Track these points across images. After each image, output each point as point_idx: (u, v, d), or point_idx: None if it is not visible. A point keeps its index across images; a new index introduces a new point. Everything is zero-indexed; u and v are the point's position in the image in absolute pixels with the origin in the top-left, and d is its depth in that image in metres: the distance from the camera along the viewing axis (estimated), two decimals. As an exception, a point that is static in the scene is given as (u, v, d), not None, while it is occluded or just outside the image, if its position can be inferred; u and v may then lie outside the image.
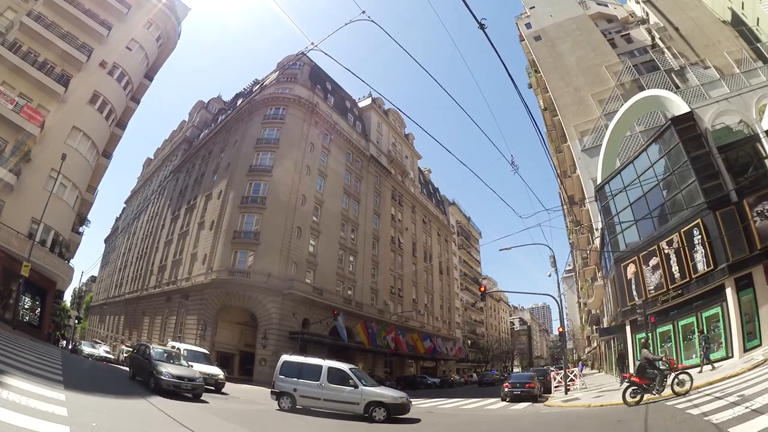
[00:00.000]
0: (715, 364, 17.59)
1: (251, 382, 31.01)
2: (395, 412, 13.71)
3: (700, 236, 19.28)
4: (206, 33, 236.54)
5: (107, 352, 35.49)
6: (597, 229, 32.89)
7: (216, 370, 20.17)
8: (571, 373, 25.05)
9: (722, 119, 22.33)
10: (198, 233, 42.60)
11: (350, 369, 14.90)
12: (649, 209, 23.16)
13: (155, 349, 16.01)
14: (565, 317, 33.02)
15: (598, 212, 29.54)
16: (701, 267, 19.18)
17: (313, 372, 14.69)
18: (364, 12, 9.87)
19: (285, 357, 15.87)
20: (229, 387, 24.71)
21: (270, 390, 15.03)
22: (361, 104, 60.52)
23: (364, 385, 14.18)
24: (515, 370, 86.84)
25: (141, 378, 15.53)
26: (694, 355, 19.39)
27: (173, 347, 21.33)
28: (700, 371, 17.65)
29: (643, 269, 22.95)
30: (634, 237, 24.48)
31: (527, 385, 20.75)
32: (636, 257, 23.49)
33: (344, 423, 13.05)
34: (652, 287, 22.28)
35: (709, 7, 41.41)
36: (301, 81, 46.70)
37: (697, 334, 19.71)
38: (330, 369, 14.67)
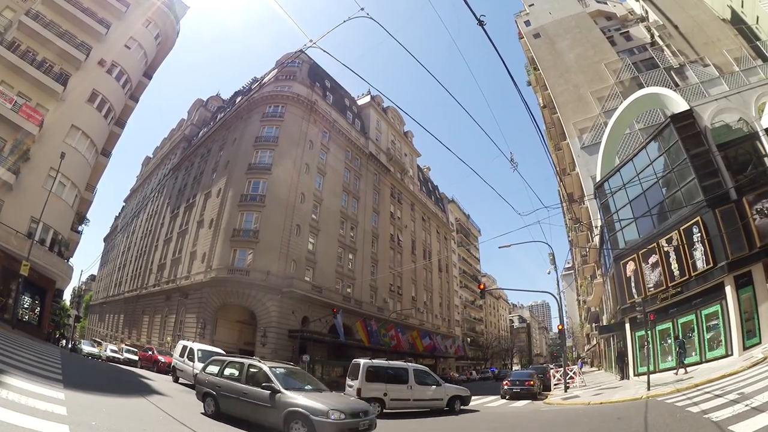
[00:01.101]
0: (689, 369, 18.02)
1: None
2: (466, 403, 16.78)
3: (699, 234, 19.29)
4: (205, 31, 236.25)
5: (114, 351, 31.93)
6: (596, 227, 32.92)
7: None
8: (571, 371, 25.09)
9: (722, 117, 22.34)
10: (197, 231, 42.58)
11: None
12: (649, 207, 23.16)
13: (274, 368, 10.01)
14: (564, 315, 33.05)
15: (598, 210, 29.53)
16: (701, 265, 19.19)
17: (401, 374, 15.46)
18: (362, 9, 9.83)
19: (366, 362, 15.28)
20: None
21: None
22: (360, 102, 60.49)
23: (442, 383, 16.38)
24: (515, 367, 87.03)
25: (241, 414, 9.74)
26: (693, 353, 19.44)
27: (184, 347, 20.95)
28: (676, 373, 18.26)
29: (642, 267, 22.96)
30: (633, 234, 24.49)
31: (527, 383, 20.79)
32: (635, 255, 23.50)
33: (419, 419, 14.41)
34: (651, 285, 22.29)
35: (709, 5, 41.36)
36: (300, 79, 46.63)
37: (672, 339, 20.09)
38: (416, 371, 15.87)
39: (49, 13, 26.91)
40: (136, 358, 29.93)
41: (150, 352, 27.87)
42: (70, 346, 34.53)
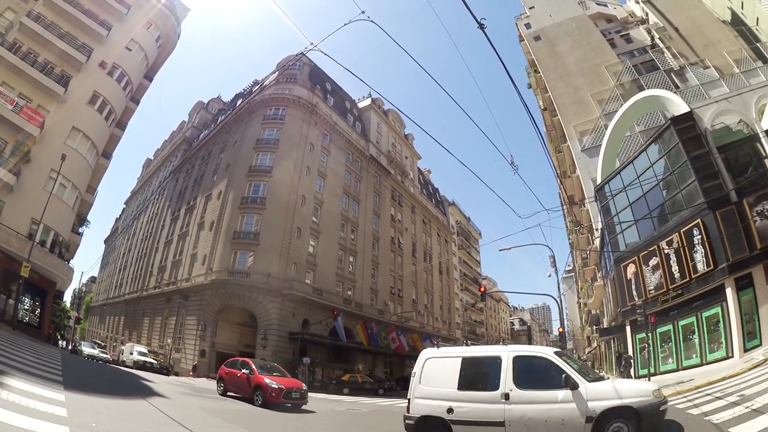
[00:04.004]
0: (690, 371, 18.24)
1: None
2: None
3: (700, 236, 19.27)
4: (206, 33, 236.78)
5: (143, 354, 30.77)
6: (597, 230, 32.88)
7: None
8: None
9: (722, 119, 22.31)
10: (198, 234, 42.60)
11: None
12: (649, 209, 23.15)
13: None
14: (565, 317, 32.98)
15: (598, 212, 29.52)
16: (701, 267, 19.17)
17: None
18: (363, 12, 9.85)
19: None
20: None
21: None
22: (360, 104, 60.55)
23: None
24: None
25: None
26: (694, 355, 19.40)
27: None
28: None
29: (643, 269, 22.93)
30: (633, 237, 24.47)
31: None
32: (636, 257, 23.48)
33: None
34: (652, 287, 22.26)
35: (709, 6, 41.42)
36: (300, 81, 46.72)
37: (614, 357, 20.40)
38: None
39: (50, 14, 27.00)
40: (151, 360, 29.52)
41: (245, 370, 16.13)
42: (70, 347, 34.45)
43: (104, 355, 32.95)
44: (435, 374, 8.76)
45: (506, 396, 7.65)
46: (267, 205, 38.66)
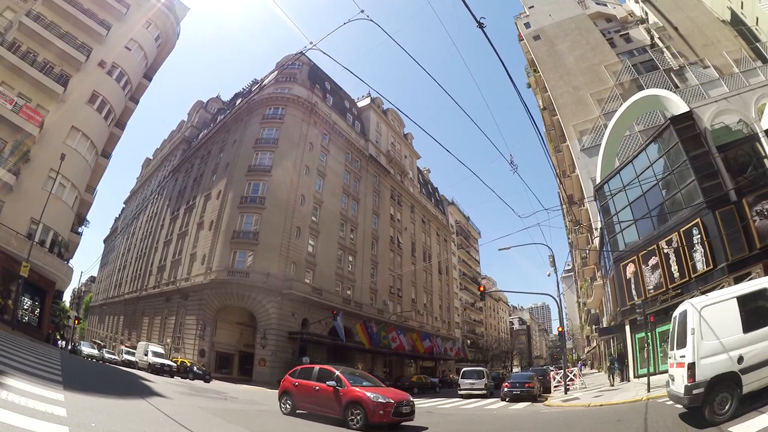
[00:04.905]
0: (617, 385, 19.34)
1: (250, 383, 31.01)
2: None
3: (699, 236, 19.27)
4: (205, 33, 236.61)
5: (160, 355, 28.50)
6: (596, 229, 32.90)
7: None
8: (571, 373, 25.05)
9: (721, 119, 22.31)
10: (197, 233, 42.58)
11: None
12: (649, 209, 23.16)
13: None
14: (564, 317, 33.00)
15: (597, 212, 29.52)
16: (701, 266, 19.18)
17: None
18: (363, 11, 9.85)
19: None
20: (228, 387, 24.75)
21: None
22: (360, 104, 60.52)
23: None
24: (515, 370, 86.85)
25: None
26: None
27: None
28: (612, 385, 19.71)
29: (642, 269, 22.94)
30: (633, 236, 24.48)
31: (527, 385, 20.73)
32: (635, 257, 23.49)
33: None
34: (651, 287, 22.28)
35: (709, 6, 41.40)
36: (300, 81, 46.69)
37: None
38: None
39: (49, 14, 26.98)
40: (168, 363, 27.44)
41: (331, 382, 11.73)
42: (69, 347, 34.44)
43: (111, 356, 32.62)
44: (716, 324, 7.75)
45: None
46: (266, 205, 38.65)
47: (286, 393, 13.12)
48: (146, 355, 28.20)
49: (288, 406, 12.86)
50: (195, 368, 28.24)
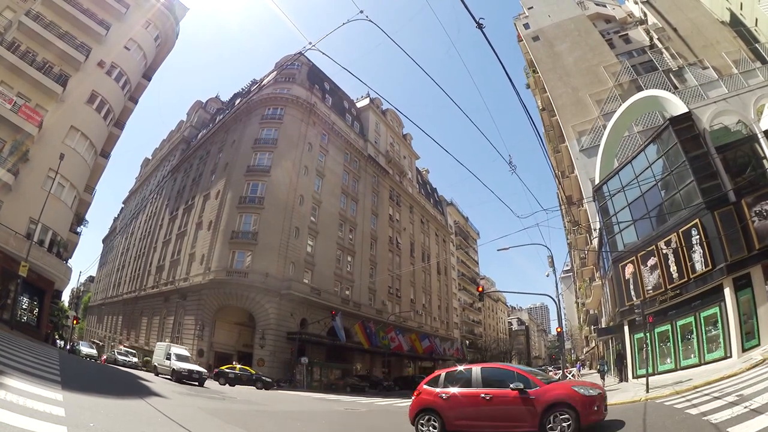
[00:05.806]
0: (689, 371, 18.41)
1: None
2: None
3: (698, 236, 19.28)
4: (205, 33, 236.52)
5: (184, 358, 24.05)
6: (595, 230, 32.91)
7: None
8: (569, 373, 25.08)
9: (720, 119, 22.34)
10: (196, 233, 42.55)
11: None
12: (647, 209, 23.17)
13: None
14: (563, 317, 33.08)
15: (596, 212, 29.53)
16: (699, 267, 19.18)
17: None
18: (362, 12, 9.85)
19: None
20: (228, 387, 24.70)
21: None
22: (359, 104, 60.54)
23: None
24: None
25: None
26: (692, 355, 19.42)
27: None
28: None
29: (641, 269, 22.95)
30: (632, 237, 24.49)
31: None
32: (634, 257, 23.49)
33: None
34: (650, 287, 22.28)
35: (708, 7, 41.47)
36: (299, 81, 46.69)
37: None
38: None
39: (49, 13, 26.93)
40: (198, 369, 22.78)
41: (515, 384, 9.31)
42: (68, 347, 34.39)
43: (132, 359, 31.86)
44: None
45: None
46: (265, 205, 38.64)
47: (429, 410, 9.69)
48: (168, 359, 23.60)
49: (434, 428, 9.43)
50: (263, 377, 25.27)
